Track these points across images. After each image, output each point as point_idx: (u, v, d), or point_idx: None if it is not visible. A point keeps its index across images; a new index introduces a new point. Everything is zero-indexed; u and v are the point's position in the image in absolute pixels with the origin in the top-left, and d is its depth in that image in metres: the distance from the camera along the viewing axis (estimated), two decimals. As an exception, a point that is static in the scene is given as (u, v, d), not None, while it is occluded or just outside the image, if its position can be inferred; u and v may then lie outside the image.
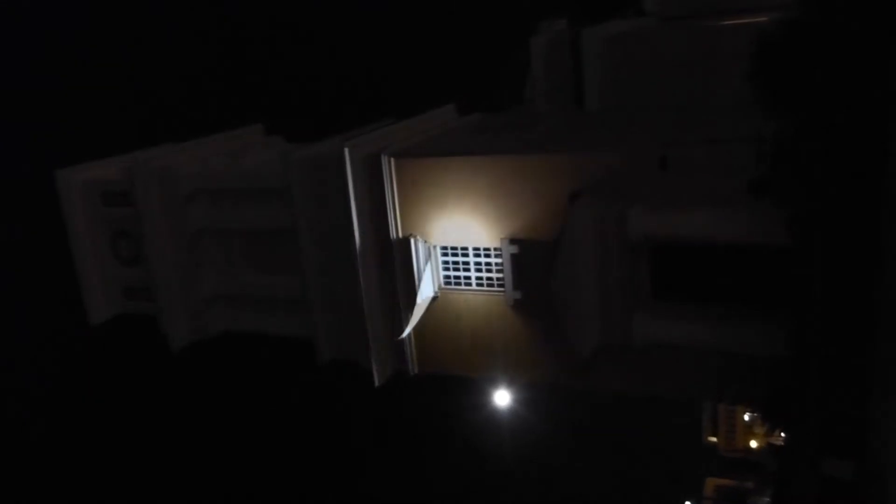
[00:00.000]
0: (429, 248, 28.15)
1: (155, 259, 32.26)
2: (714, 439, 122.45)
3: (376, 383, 29.89)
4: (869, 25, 17.92)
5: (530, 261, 26.57)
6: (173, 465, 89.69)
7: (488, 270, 27.91)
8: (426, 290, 28.33)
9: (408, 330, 28.72)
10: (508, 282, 27.17)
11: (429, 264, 28.26)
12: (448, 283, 28.64)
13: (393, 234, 28.29)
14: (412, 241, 27.83)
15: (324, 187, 28.77)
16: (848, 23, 18.21)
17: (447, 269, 28.61)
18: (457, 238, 27.96)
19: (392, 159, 27.71)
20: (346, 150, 27.45)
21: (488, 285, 27.99)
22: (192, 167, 32.55)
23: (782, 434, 23.91)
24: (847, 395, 18.72)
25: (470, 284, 28.32)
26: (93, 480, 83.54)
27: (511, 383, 30.62)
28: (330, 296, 30.16)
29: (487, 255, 27.75)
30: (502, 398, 32.37)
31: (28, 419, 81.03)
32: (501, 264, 27.14)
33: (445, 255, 28.48)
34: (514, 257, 26.81)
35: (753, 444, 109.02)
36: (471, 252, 28.02)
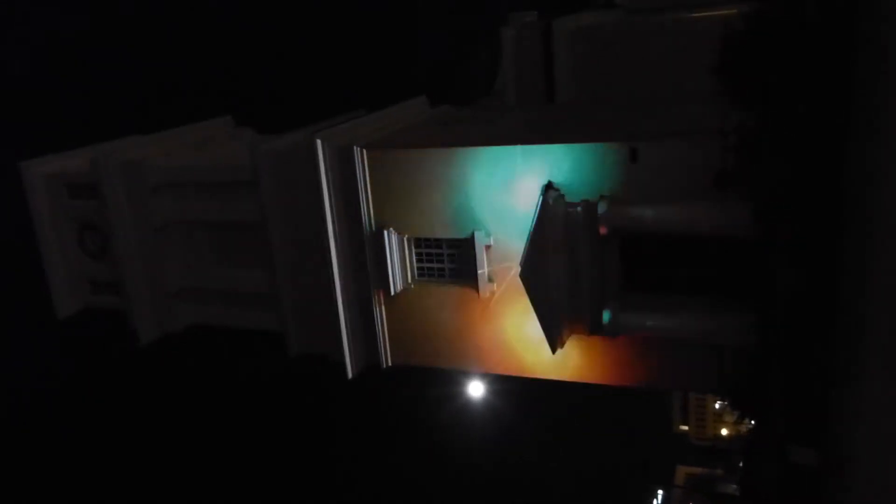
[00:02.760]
0: (402, 241, 28.06)
1: (122, 252, 31.90)
2: (685, 427, 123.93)
3: (349, 376, 29.81)
4: (831, 19, 18.16)
5: (503, 252, 26.63)
6: (145, 460, 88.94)
7: (461, 262, 27.91)
8: (399, 283, 28.29)
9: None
10: (482, 273, 27.19)
11: (402, 256, 28.18)
12: (421, 275, 28.61)
13: (366, 227, 28.17)
14: (385, 233, 27.73)
15: (294, 180, 28.54)
16: (811, 16, 18.45)
17: (420, 260, 28.57)
18: (430, 230, 27.92)
19: (364, 151, 27.53)
20: (318, 142, 27.23)
21: (461, 277, 28.02)
22: (159, 159, 32.19)
23: (751, 422, 24.27)
24: (811, 383, 19.06)
25: (443, 276, 28.33)
26: (59, 477, 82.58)
27: (484, 374, 30.73)
28: (300, 289, 30.00)
29: (460, 247, 27.75)
30: (476, 389, 32.51)
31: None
32: (474, 256, 27.15)
33: (419, 246, 28.43)
34: (486, 248, 26.85)
35: (724, 431, 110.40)
36: (444, 244, 28.01)
